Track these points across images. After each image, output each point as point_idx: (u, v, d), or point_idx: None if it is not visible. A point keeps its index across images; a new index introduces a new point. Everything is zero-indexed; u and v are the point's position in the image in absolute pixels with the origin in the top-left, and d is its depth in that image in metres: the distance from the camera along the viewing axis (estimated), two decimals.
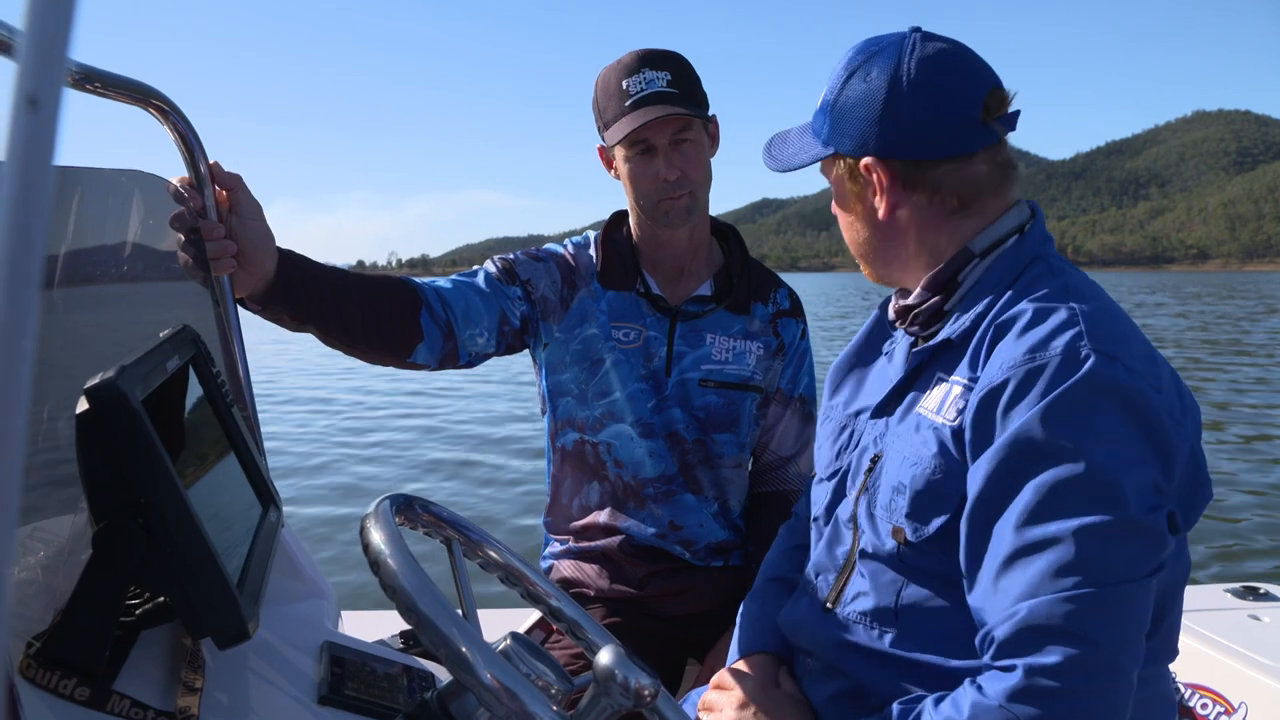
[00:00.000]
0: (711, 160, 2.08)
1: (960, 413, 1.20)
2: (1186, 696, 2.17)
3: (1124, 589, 1.08)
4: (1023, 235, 1.33)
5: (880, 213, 1.33)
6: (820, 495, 1.49)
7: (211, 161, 1.52)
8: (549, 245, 2.19)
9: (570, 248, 2.18)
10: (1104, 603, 1.07)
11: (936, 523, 1.22)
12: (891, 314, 1.45)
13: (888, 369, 1.47)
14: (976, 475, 1.16)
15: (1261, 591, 2.56)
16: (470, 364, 2.04)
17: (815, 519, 1.49)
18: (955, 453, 1.21)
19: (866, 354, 1.57)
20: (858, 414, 1.45)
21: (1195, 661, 2.18)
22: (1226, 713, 2.10)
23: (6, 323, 0.30)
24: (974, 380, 1.21)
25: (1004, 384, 1.15)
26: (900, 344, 1.46)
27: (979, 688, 1.12)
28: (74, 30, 0.28)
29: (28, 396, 0.33)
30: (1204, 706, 2.14)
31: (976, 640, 1.16)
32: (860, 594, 1.32)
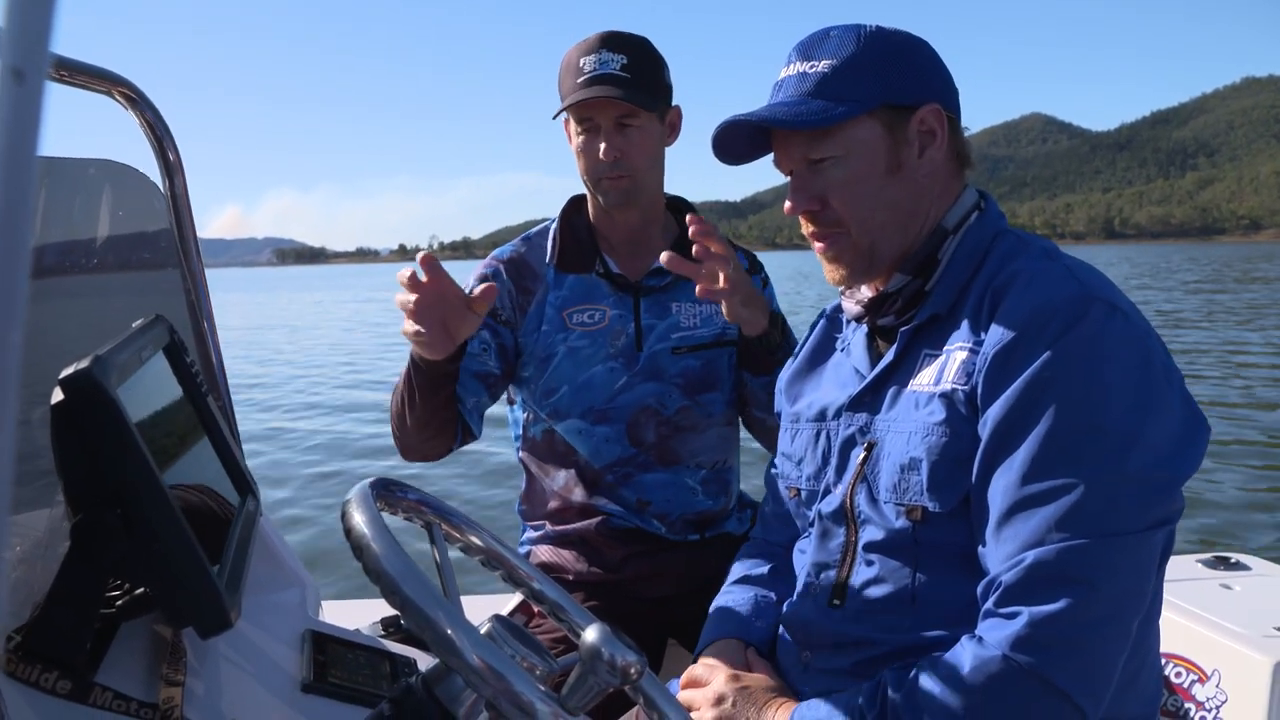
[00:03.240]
0: (667, 149, 2.11)
1: (969, 375, 1.22)
2: (1162, 666, 2.21)
3: (1129, 539, 1.10)
4: (982, 212, 1.36)
5: (933, 161, 1.34)
6: (805, 502, 1.49)
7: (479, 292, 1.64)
8: (496, 250, 2.21)
9: (522, 245, 2.20)
10: (1109, 553, 1.09)
11: (961, 489, 1.22)
12: (854, 310, 1.44)
13: (846, 364, 1.47)
14: (986, 426, 1.18)
15: (1232, 561, 2.60)
16: (478, 433, 2.13)
17: (810, 523, 1.47)
18: (967, 414, 1.22)
19: (816, 359, 1.58)
20: (823, 415, 1.46)
21: (1168, 631, 2.21)
22: (1200, 680, 2.13)
23: None
24: (978, 344, 1.22)
25: (1015, 339, 1.17)
26: (856, 338, 1.47)
27: (979, 640, 1.13)
28: (58, 1, 0.28)
29: (18, 390, 0.32)
30: (1178, 675, 2.18)
31: (980, 588, 1.17)
32: (869, 583, 1.32)
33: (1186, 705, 2.13)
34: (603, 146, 2.00)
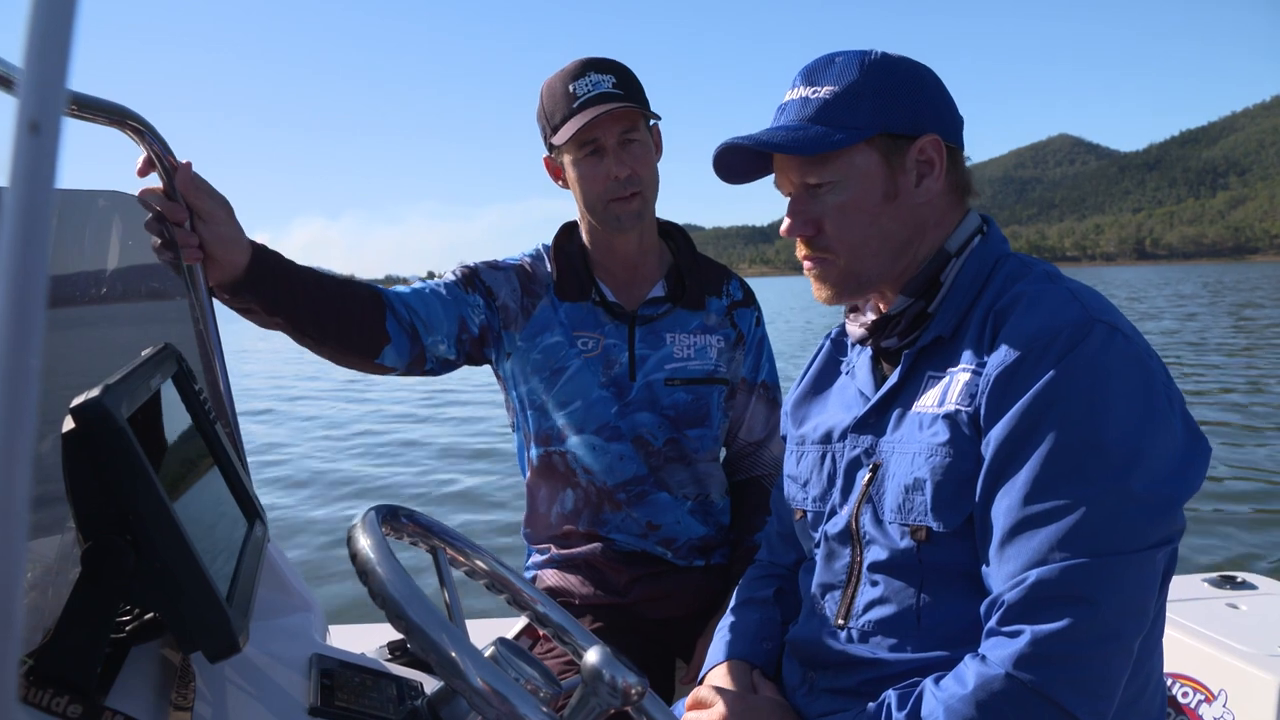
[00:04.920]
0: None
1: (973, 397, 1.23)
2: (1168, 685, 2.20)
3: (1131, 558, 1.11)
4: (985, 235, 1.37)
5: (930, 191, 1.35)
6: (812, 524, 1.50)
7: (183, 163, 1.53)
8: (505, 257, 2.22)
9: (527, 259, 2.21)
10: (1111, 572, 1.10)
11: (964, 509, 1.23)
12: (858, 333, 1.46)
13: (851, 386, 1.48)
14: (989, 446, 1.19)
15: (1239, 580, 2.59)
16: (435, 371, 2.07)
17: (816, 544, 1.48)
18: (970, 434, 1.23)
19: (821, 383, 1.59)
20: (828, 437, 1.47)
21: (1175, 650, 2.20)
22: (1207, 700, 2.12)
23: (13, 344, 0.31)
24: (981, 365, 1.23)
25: (1018, 361, 1.18)
26: (860, 361, 1.48)
27: (982, 658, 1.14)
28: (73, 57, 0.30)
29: (35, 416, 0.34)
30: (1185, 695, 2.17)
31: (983, 606, 1.18)
32: (874, 604, 1.32)
33: None
34: (613, 163, 2.00)
